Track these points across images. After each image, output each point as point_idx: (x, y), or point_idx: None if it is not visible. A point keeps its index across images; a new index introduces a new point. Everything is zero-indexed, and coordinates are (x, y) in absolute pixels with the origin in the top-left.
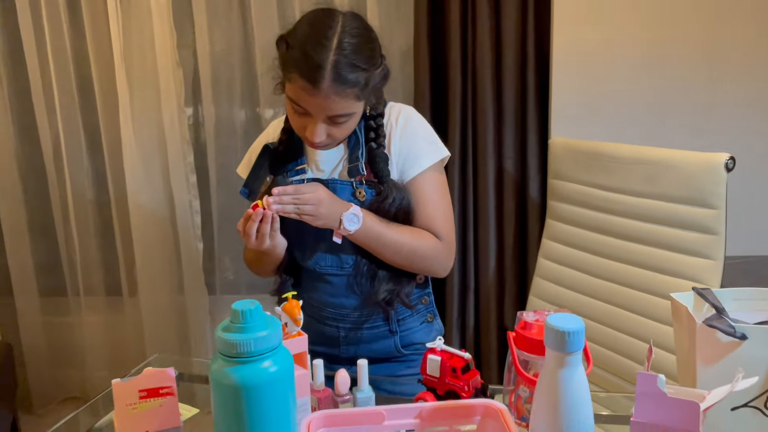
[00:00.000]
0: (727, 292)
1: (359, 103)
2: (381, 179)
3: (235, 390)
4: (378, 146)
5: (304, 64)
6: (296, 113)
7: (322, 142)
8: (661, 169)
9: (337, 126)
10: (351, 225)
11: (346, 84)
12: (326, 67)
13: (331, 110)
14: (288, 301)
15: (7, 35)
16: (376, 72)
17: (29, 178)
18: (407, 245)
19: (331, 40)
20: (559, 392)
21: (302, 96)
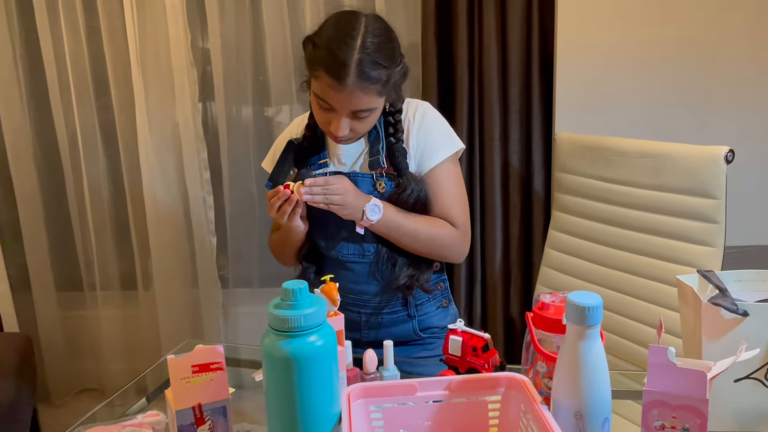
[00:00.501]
0: (729, 274)
1: (381, 99)
2: (400, 172)
3: (286, 361)
4: (397, 141)
5: (330, 62)
6: (321, 109)
7: (345, 136)
8: (664, 161)
9: (359, 120)
10: (373, 215)
11: (369, 81)
12: (351, 65)
13: (355, 105)
14: (326, 283)
15: (25, 35)
16: (397, 69)
17: (46, 175)
18: (425, 233)
19: (355, 39)
20: (580, 362)
21: (328, 92)
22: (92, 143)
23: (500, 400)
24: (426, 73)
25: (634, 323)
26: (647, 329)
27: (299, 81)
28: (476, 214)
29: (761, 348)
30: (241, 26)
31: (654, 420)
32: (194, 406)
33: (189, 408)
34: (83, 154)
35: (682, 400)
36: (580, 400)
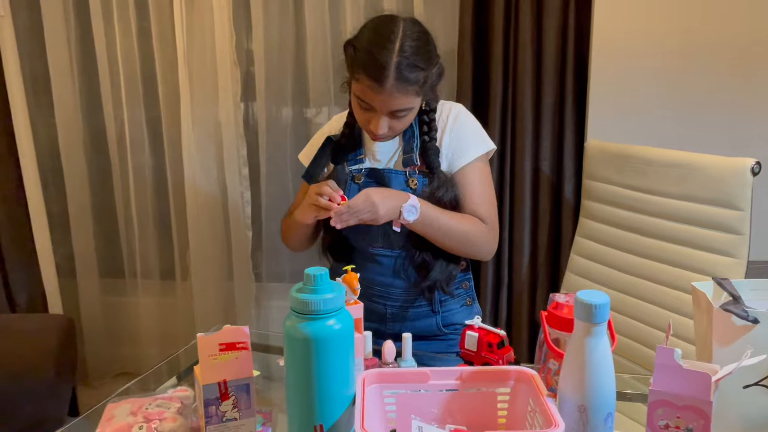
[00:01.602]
0: (745, 282)
1: (418, 99)
2: (432, 170)
3: (305, 342)
4: (430, 139)
5: (370, 65)
6: (361, 109)
7: (385, 134)
8: (690, 171)
9: (397, 119)
10: (410, 216)
11: (408, 82)
12: (390, 68)
13: (395, 106)
14: (348, 273)
15: (81, 34)
16: (433, 71)
17: (95, 166)
18: (460, 230)
19: (394, 43)
20: (586, 357)
21: (368, 94)
22: (139, 138)
23: (509, 393)
24: (461, 78)
25: (656, 332)
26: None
27: (338, 83)
28: (505, 219)
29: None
30: (284, 29)
31: (659, 419)
32: (220, 382)
33: (215, 383)
34: (130, 148)
35: (687, 401)
36: (584, 394)
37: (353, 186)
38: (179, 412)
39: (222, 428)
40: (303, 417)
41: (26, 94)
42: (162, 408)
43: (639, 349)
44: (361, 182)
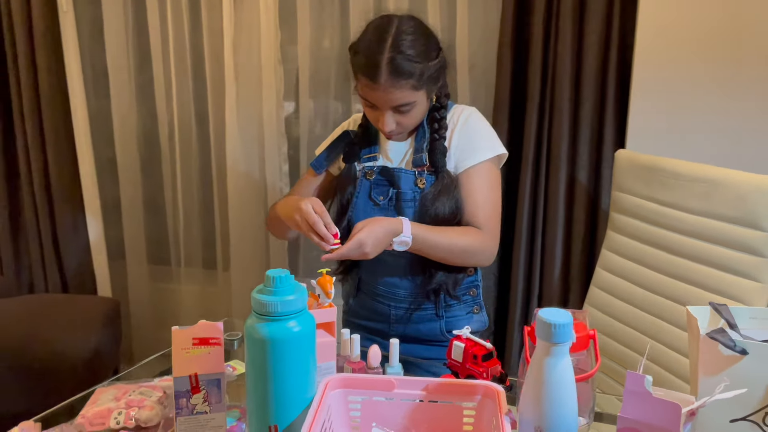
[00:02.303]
0: (744, 310)
1: (418, 93)
2: (437, 169)
3: (262, 343)
4: (439, 138)
5: (364, 65)
6: (368, 107)
7: (393, 130)
8: (715, 187)
9: (402, 115)
10: (400, 248)
11: (401, 76)
12: (382, 65)
13: (393, 101)
14: (323, 275)
15: (137, 29)
16: (431, 64)
17: (147, 158)
18: (458, 246)
19: (386, 41)
20: (544, 378)
21: (367, 92)
22: (187, 131)
23: (476, 408)
24: (499, 85)
25: (675, 354)
26: (686, 361)
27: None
28: (538, 229)
29: (760, 391)
30: (328, 29)
31: None
32: (191, 375)
33: (186, 376)
34: (178, 141)
35: (656, 431)
36: (541, 416)
37: (365, 182)
38: (160, 401)
39: (192, 421)
40: (259, 416)
41: (85, 87)
42: (144, 396)
43: (651, 367)
44: (372, 179)
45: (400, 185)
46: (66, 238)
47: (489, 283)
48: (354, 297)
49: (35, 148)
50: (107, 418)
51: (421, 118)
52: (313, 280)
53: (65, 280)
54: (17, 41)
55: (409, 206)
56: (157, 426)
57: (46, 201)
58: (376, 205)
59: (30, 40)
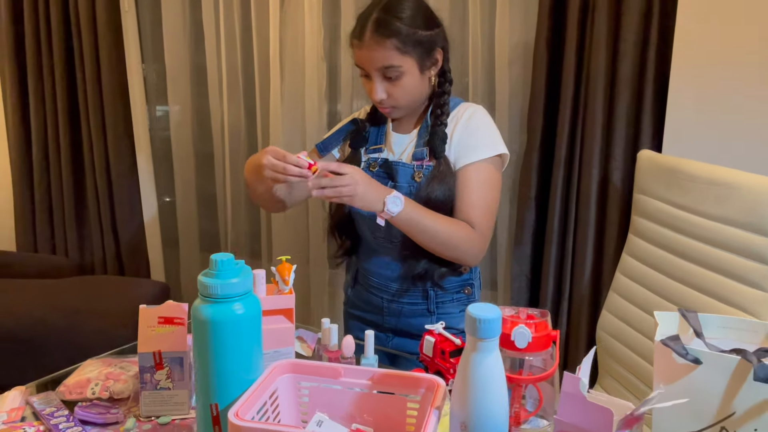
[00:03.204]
0: (714, 318)
1: (405, 58)
2: (436, 155)
3: (204, 324)
4: (440, 124)
5: (355, 26)
6: (364, 80)
7: (384, 101)
8: (730, 191)
9: (391, 83)
10: (394, 207)
11: (384, 35)
12: (368, 24)
13: (377, 61)
14: (282, 263)
15: (194, 29)
16: (420, 32)
17: (200, 154)
18: (443, 233)
19: (378, 4)
20: (469, 374)
21: (356, 54)
22: (236, 126)
23: (419, 401)
24: (535, 81)
25: None
26: None
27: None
28: (569, 230)
29: (714, 403)
30: None
31: None
32: (155, 352)
33: (150, 353)
34: (228, 138)
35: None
36: (466, 412)
37: (367, 173)
38: (135, 375)
39: (156, 395)
40: (203, 394)
41: (144, 83)
42: (123, 370)
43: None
44: (375, 170)
45: (398, 178)
46: (124, 225)
47: (521, 284)
48: (352, 288)
49: (98, 141)
50: (85, 388)
51: (415, 94)
52: (273, 267)
53: (122, 263)
54: (83, 39)
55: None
56: (128, 398)
57: (107, 191)
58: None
59: (94, 38)
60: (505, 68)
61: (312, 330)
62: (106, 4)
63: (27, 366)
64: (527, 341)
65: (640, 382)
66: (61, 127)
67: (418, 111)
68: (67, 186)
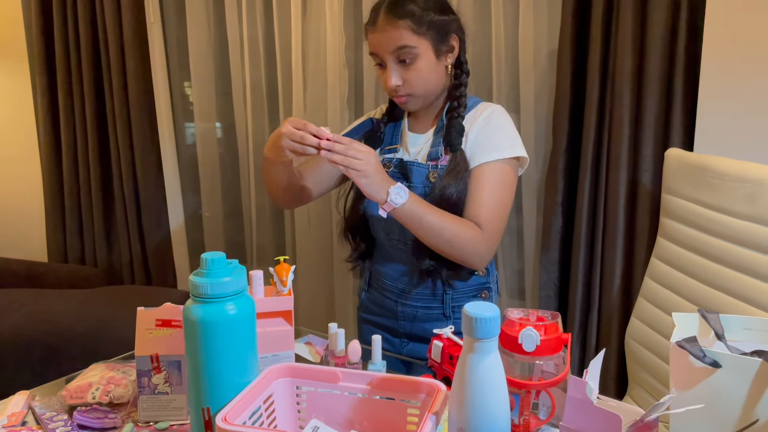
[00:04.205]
0: (737, 319)
1: (419, 39)
2: (452, 148)
3: (194, 325)
4: (458, 116)
5: (371, 12)
6: (378, 69)
7: (399, 88)
8: (761, 188)
9: (406, 68)
10: (398, 198)
11: (398, 15)
12: (381, 7)
13: (390, 41)
14: (280, 263)
15: (218, 40)
16: (435, 16)
17: (226, 165)
18: (448, 231)
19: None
20: (467, 376)
21: (371, 40)
22: (260, 137)
23: (420, 406)
24: (560, 82)
25: None
26: None
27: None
28: (598, 236)
29: (735, 409)
30: None
31: None
32: (152, 355)
33: (148, 356)
34: (253, 150)
35: None
36: (463, 417)
37: None
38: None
39: (153, 400)
40: (195, 397)
41: (171, 96)
42: (125, 375)
43: None
44: (390, 171)
45: (412, 179)
46: (151, 236)
47: (549, 292)
48: (365, 292)
49: (125, 153)
50: (86, 393)
51: (431, 82)
52: (271, 268)
53: (149, 273)
54: (110, 52)
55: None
56: (127, 403)
57: (134, 202)
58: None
59: (121, 51)
60: (529, 70)
61: (322, 336)
62: (132, 19)
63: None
64: (535, 344)
65: None
66: (90, 139)
67: (434, 108)
68: (96, 197)
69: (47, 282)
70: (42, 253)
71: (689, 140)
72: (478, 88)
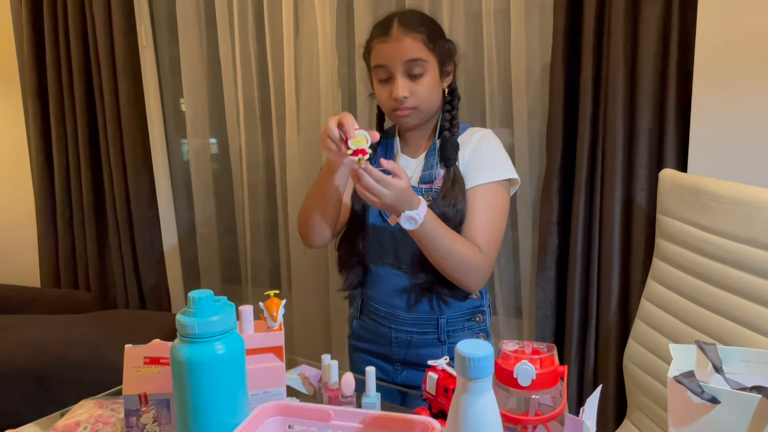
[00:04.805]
0: (736, 351)
1: (430, 54)
2: (447, 163)
3: (181, 365)
4: (452, 135)
5: (377, 28)
6: (381, 83)
7: (407, 100)
8: (757, 211)
9: (415, 81)
10: (406, 224)
11: (412, 28)
12: (394, 19)
13: (405, 52)
14: (270, 298)
15: (211, 64)
16: (441, 37)
17: (220, 186)
18: (457, 253)
19: (396, 12)
20: (460, 417)
21: (381, 51)
22: (254, 158)
23: None
24: (553, 100)
25: None
26: None
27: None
28: (594, 255)
29: None
30: None
31: None
32: (140, 394)
33: (136, 395)
34: (246, 168)
35: None
36: None
37: None
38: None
39: None
40: None
41: (163, 115)
42: (114, 412)
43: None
44: None
45: None
46: (145, 259)
47: (546, 312)
48: (357, 319)
49: (118, 175)
50: (75, 431)
51: (433, 98)
52: (261, 303)
53: (143, 297)
54: (102, 75)
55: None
56: None
57: (127, 224)
58: (384, 221)
59: (113, 74)
60: (522, 90)
61: (316, 366)
62: (124, 42)
63: (44, 402)
64: (531, 378)
65: None
66: (82, 163)
67: (425, 131)
68: (89, 221)
69: (40, 307)
70: (34, 278)
71: (683, 159)
72: (470, 105)
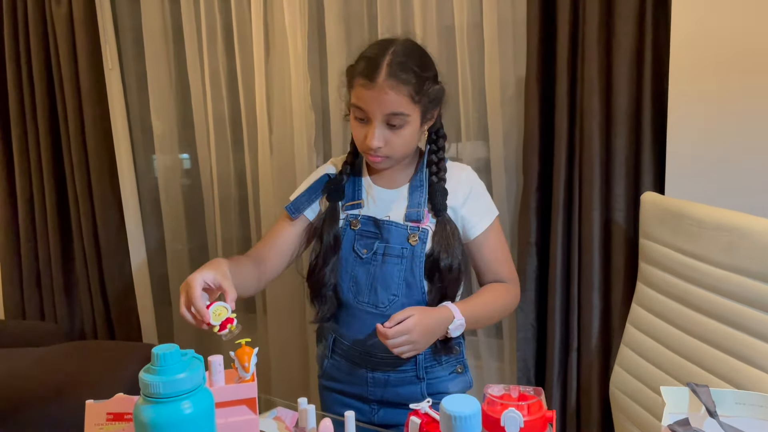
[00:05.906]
0: (729, 393)
1: (413, 107)
2: (437, 211)
3: (145, 427)
4: (439, 180)
5: (364, 65)
6: (358, 122)
7: (381, 150)
8: (740, 238)
9: (393, 131)
10: (457, 332)
11: (399, 79)
12: (382, 65)
13: (387, 105)
14: (242, 347)
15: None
16: (430, 84)
17: (190, 208)
18: (501, 308)
19: (389, 48)
20: None
21: (362, 95)
22: (226, 179)
23: None
24: (528, 119)
25: None
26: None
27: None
28: (573, 277)
29: None
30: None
31: None
32: None
33: None
34: (218, 191)
35: None
36: None
37: (349, 231)
38: None
39: None
40: None
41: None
42: None
43: None
44: (357, 229)
45: (390, 239)
46: (113, 287)
47: (527, 334)
48: (328, 359)
49: (84, 201)
50: None
51: (410, 147)
52: (232, 352)
53: (112, 327)
54: (66, 97)
55: (395, 263)
56: None
57: (94, 252)
58: (358, 258)
59: (78, 96)
60: (497, 108)
61: (292, 407)
62: (89, 64)
63: None
64: (519, 426)
65: None
66: (47, 189)
67: (402, 165)
68: (54, 249)
69: (4, 341)
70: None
71: (660, 180)
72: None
